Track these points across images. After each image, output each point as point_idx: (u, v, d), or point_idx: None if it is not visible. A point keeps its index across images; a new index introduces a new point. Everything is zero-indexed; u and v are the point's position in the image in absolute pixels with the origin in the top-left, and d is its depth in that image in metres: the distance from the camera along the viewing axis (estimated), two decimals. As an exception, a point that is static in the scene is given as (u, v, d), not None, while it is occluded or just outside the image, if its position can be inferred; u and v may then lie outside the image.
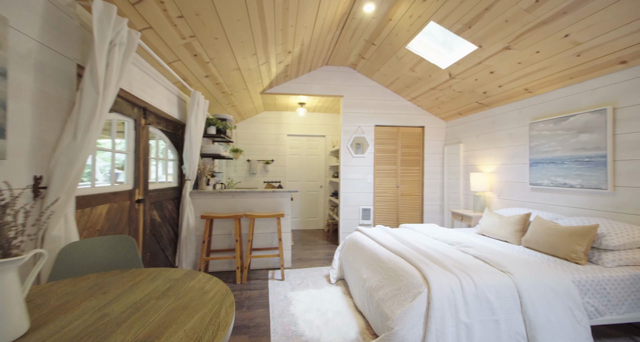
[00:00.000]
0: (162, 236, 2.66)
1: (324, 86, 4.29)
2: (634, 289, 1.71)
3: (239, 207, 3.27)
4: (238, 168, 5.35)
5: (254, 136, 5.39)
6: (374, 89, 4.41)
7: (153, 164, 2.62)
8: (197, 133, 2.94)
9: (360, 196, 4.34)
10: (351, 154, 4.34)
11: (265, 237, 3.33)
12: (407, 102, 4.49)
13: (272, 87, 4.13)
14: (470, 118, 3.97)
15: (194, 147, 2.91)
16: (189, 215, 3.02)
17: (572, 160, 2.52)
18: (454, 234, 2.67)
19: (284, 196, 3.36)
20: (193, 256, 3.02)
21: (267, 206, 3.33)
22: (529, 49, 2.42)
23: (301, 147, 5.63)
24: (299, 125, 5.54)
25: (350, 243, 2.78)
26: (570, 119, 2.55)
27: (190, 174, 3.01)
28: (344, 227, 4.31)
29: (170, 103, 2.64)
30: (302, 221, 5.62)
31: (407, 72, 3.68)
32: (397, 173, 4.45)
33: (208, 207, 3.21)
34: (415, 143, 4.52)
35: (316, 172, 5.65)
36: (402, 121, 4.47)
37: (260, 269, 3.28)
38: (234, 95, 3.74)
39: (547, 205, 2.78)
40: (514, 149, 3.23)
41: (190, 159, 2.93)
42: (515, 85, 2.96)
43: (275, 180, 5.44)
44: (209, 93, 3.30)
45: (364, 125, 4.39)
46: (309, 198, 5.63)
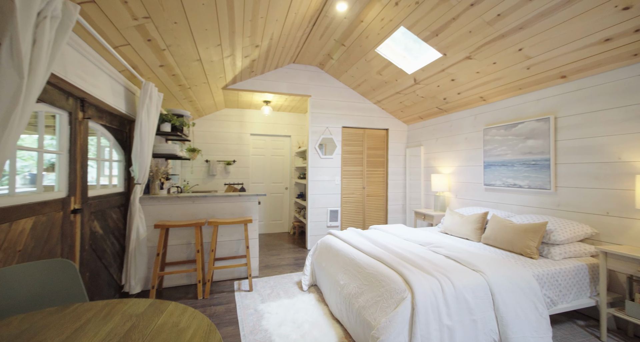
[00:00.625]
0: (105, 251, 2.26)
1: (292, 85, 4.15)
2: (577, 278, 1.93)
3: (200, 213, 2.96)
4: (195, 169, 4.90)
5: (213, 135, 4.99)
6: (341, 90, 4.41)
7: (93, 166, 2.21)
8: (149, 130, 2.57)
9: (328, 198, 4.30)
10: (319, 155, 4.28)
11: (230, 245, 3.07)
12: (373, 105, 4.58)
13: (235, 82, 3.85)
14: (430, 122, 4.21)
15: (145, 146, 2.54)
16: (139, 224, 2.63)
17: (521, 163, 2.79)
18: (421, 233, 2.76)
19: (251, 200, 3.14)
20: (144, 271, 2.64)
21: (233, 211, 3.08)
22: (487, 60, 2.61)
23: (265, 147, 5.39)
24: (264, 124, 5.29)
25: (323, 248, 2.70)
26: (518, 126, 2.83)
27: (140, 177, 2.62)
28: (312, 229, 4.22)
29: (116, 94, 2.25)
30: (267, 225, 5.39)
31: (374, 75, 3.74)
32: (364, 174, 4.52)
33: (163, 215, 2.84)
34: (380, 145, 4.64)
35: (281, 174, 5.47)
36: (367, 123, 4.55)
37: (224, 280, 3.02)
38: (192, 90, 3.39)
39: (499, 204, 3.05)
40: (470, 152, 3.50)
41: (141, 160, 2.55)
42: (472, 93, 3.20)
43: (237, 182, 5.12)
44: (163, 85, 2.92)
45: (331, 126, 4.36)
46: (274, 200, 5.42)
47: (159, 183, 2.98)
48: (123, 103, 2.40)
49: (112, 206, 2.38)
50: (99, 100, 2.00)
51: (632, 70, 2.02)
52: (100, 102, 2.04)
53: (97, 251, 2.13)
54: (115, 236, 2.44)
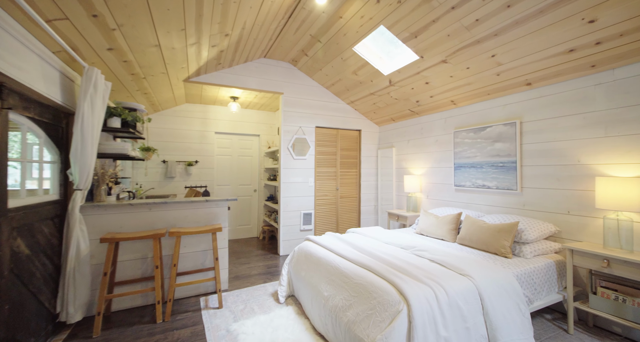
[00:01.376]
0: (34, 275, 1.82)
1: (263, 81, 3.89)
2: (548, 275, 2.04)
3: (158, 222, 2.58)
4: (150, 171, 4.36)
5: (172, 132, 4.49)
6: (314, 89, 4.27)
7: (15, 167, 1.75)
8: (93, 126, 2.15)
9: (302, 200, 4.12)
10: (292, 156, 4.08)
11: (195, 258, 2.73)
12: (346, 106, 4.52)
13: (199, 75, 3.48)
14: (402, 124, 4.28)
15: (87, 144, 2.11)
16: (80, 239, 2.19)
17: (489, 165, 2.93)
18: (400, 236, 2.74)
19: (220, 205, 2.84)
20: (86, 295, 2.20)
21: (198, 218, 2.74)
22: (461, 64, 2.68)
23: (232, 146, 5.02)
24: (230, 122, 4.92)
25: (302, 255, 2.52)
26: (487, 130, 2.97)
27: (81, 181, 2.18)
28: (285, 234, 4.01)
29: (48, 81, 1.82)
30: (234, 230, 5.02)
31: (349, 74, 3.67)
32: (337, 175, 4.43)
33: (111, 226, 2.41)
34: (352, 146, 4.60)
35: (250, 175, 5.15)
36: (341, 124, 4.47)
37: (188, 297, 2.67)
38: (147, 80, 2.96)
39: (469, 204, 3.17)
40: (440, 154, 3.60)
41: (82, 161, 2.12)
42: (444, 96, 3.29)
43: (200, 184, 4.68)
44: (112, 73, 2.48)
45: (305, 125, 4.19)
46: (242, 204, 5.08)
47: (106, 188, 2.53)
48: (58, 91, 1.96)
49: (43, 218, 1.93)
50: (24, 87, 1.58)
51: (590, 80, 2.20)
52: (26, 89, 1.62)
53: (22, 276, 1.69)
54: (47, 254, 1.99)
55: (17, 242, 1.64)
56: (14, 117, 1.66)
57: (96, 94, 2.12)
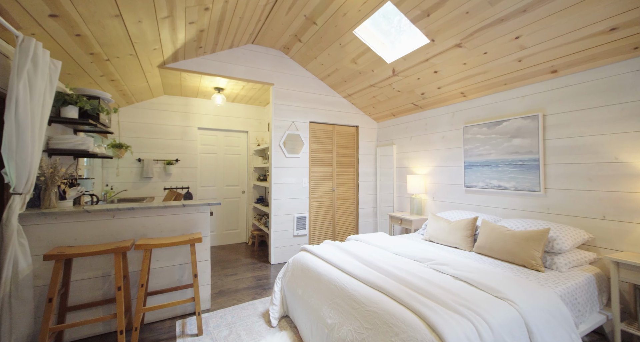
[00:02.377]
0: (-57, 308, 1.36)
1: (251, 69, 3.48)
2: (589, 292, 1.75)
3: (124, 232, 2.14)
4: (123, 171, 3.87)
5: (148, 127, 4.01)
6: (308, 80, 3.89)
7: None
8: (33, 113, 1.70)
9: (295, 203, 3.74)
10: (284, 154, 3.69)
11: (170, 273, 2.30)
12: (342, 99, 4.16)
13: (177, 60, 3.03)
14: (403, 120, 3.96)
15: (26, 136, 1.66)
16: (19, 255, 1.74)
17: (506, 163, 2.63)
18: (409, 244, 2.41)
19: (200, 211, 2.42)
20: (28, 326, 1.75)
21: (174, 226, 2.32)
22: (478, 49, 2.36)
23: (217, 144, 4.58)
24: (215, 117, 4.47)
25: (298, 269, 2.15)
26: (503, 124, 2.67)
27: (20, 183, 1.73)
28: (276, 240, 3.61)
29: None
30: (220, 235, 4.58)
31: (348, 63, 3.31)
32: (333, 175, 4.07)
33: (63, 238, 1.96)
34: (349, 143, 4.25)
35: (237, 175, 4.71)
36: (337, 119, 4.11)
37: (162, 320, 2.25)
38: (112, 63, 2.50)
39: (482, 206, 2.87)
40: (447, 152, 3.30)
41: (20, 158, 1.67)
42: (453, 88, 2.98)
43: (181, 185, 4.22)
44: (62, 50, 2.02)
45: (298, 120, 3.80)
46: (228, 206, 4.64)
47: (57, 191, 2.07)
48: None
49: (-41, 232, 1.47)
50: None
51: (629, 65, 1.92)
52: None
53: None
54: (-33, 278, 1.53)
55: None
56: None
57: (36, 73, 1.67)
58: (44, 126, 1.87)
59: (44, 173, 1.97)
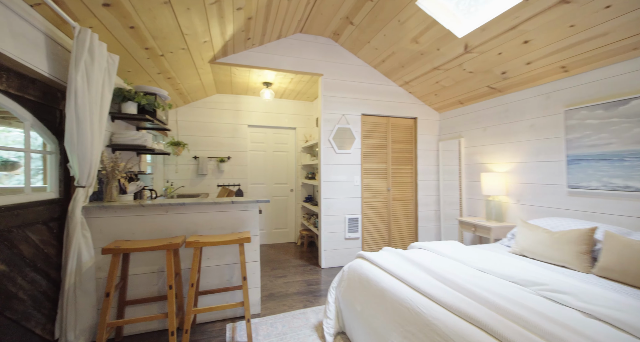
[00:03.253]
0: (13, 296, 1.40)
1: (299, 60, 3.29)
2: None
3: (176, 228, 2.10)
4: (181, 168, 4.03)
5: (203, 126, 4.12)
6: (359, 69, 3.55)
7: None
8: (91, 105, 1.70)
9: (346, 202, 3.44)
10: (334, 150, 3.42)
11: (220, 273, 2.20)
12: (398, 88, 3.73)
13: (227, 54, 2.98)
14: (473, 108, 3.35)
15: (86, 129, 1.67)
16: (82, 247, 1.77)
17: (636, 156, 1.94)
18: (494, 258, 1.91)
19: (249, 208, 2.28)
20: (92, 317, 1.78)
21: (223, 223, 2.21)
22: (594, 4, 1.76)
23: (266, 141, 4.53)
24: (264, 114, 4.43)
25: (355, 280, 1.84)
26: (632, 103, 1.98)
27: (83, 176, 1.76)
28: (327, 242, 3.36)
29: (22, 41, 1.38)
30: (269, 234, 4.52)
31: (407, 44, 2.88)
32: (388, 173, 3.66)
33: (121, 231, 1.98)
34: (406, 137, 3.79)
35: (285, 173, 4.61)
36: (392, 111, 3.69)
37: (212, 322, 2.15)
38: (167, 58, 2.52)
39: (594, 213, 2.20)
40: (539, 144, 2.64)
41: (81, 151, 1.69)
42: (549, 61, 2.35)
43: (233, 183, 4.25)
44: (118, 44, 2.05)
45: (348, 113, 3.50)
46: (277, 205, 4.56)
47: (118, 185, 2.11)
48: (44, 60, 1.53)
49: (29, 222, 1.51)
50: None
51: None
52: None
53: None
54: (38, 268, 1.57)
55: (-21, 257, 1.21)
56: (-25, 89, 1.23)
57: (93, 64, 1.67)
58: (104, 120, 1.89)
59: (105, 167, 2.01)
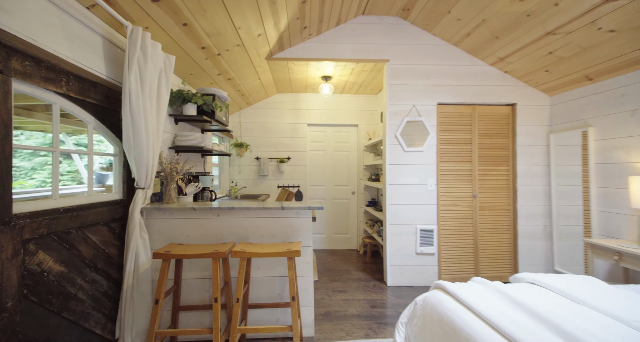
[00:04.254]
0: (72, 297, 1.42)
1: (360, 47, 2.89)
2: None
3: (227, 232, 1.97)
4: (244, 168, 4.10)
5: (264, 127, 4.11)
6: (434, 49, 2.94)
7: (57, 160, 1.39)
8: (145, 106, 1.67)
9: (418, 210, 2.88)
10: (402, 148, 2.90)
11: (270, 285, 1.99)
12: (488, 68, 2.95)
13: (283, 48, 2.81)
14: (613, 83, 2.36)
15: (141, 130, 1.65)
16: (140, 249, 1.77)
17: None
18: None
19: (301, 215, 2.00)
20: (146, 322, 1.76)
21: (274, 230, 1.99)
22: None
23: (326, 140, 4.27)
24: (323, 111, 4.17)
25: (433, 321, 1.35)
26: None
27: (141, 177, 1.76)
28: (393, 256, 2.87)
29: (79, 44, 1.38)
30: (329, 239, 4.24)
31: (505, 4, 2.17)
32: (474, 175, 2.93)
33: (177, 233, 1.95)
34: (500, 130, 2.97)
35: (346, 174, 4.26)
36: (479, 97, 2.95)
37: (263, 339, 1.95)
38: (224, 57, 2.46)
39: None
40: None
41: (137, 152, 1.68)
42: None
43: (292, 184, 4.13)
44: (174, 44, 2.02)
45: (420, 103, 2.93)
46: (338, 208, 4.24)
47: (176, 187, 2.11)
48: (101, 63, 1.54)
49: (90, 223, 1.55)
50: (36, 48, 1.13)
51: None
52: (41, 52, 1.18)
53: (52, 301, 1.29)
54: (98, 268, 1.61)
55: (36, 258, 1.23)
56: (33, 91, 1.25)
57: (146, 64, 1.63)
58: (162, 121, 1.88)
59: (163, 168, 2.02)
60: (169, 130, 2.28)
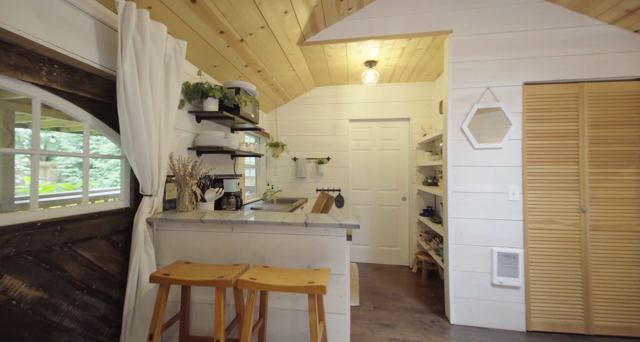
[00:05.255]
0: (57, 326, 1.20)
1: (412, 19, 2.30)
2: None
3: (243, 250, 1.62)
4: (280, 170, 3.80)
5: (301, 124, 3.75)
6: (518, 8, 2.17)
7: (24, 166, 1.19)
8: (146, 98, 1.40)
9: (494, 227, 2.15)
10: (471, 144, 2.21)
11: (292, 319, 1.57)
12: (606, 27, 2.07)
13: (317, 30, 2.38)
14: None
15: (140, 127, 1.39)
16: (144, 266, 1.52)
17: None
18: None
19: (332, 233, 1.53)
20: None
21: (297, 250, 1.56)
22: None
23: (371, 137, 3.71)
24: (368, 104, 3.63)
25: None
26: None
27: (145, 183, 1.51)
28: (459, 285, 2.19)
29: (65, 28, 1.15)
30: (374, 252, 3.68)
31: None
32: (582, 181, 2.08)
33: (189, 248, 1.66)
34: (625, 116, 2.06)
35: (395, 177, 3.64)
36: (590, 70, 2.08)
37: (280, 389, 1.54)
38: (248, 44, 2.14)
39: None
40: None
41: (139, 153, 1.43)
42: None
43: (333, 187, 3.68)
44: (185, 27, 1.74)
45: (497, 84, 2.20)
46: (385, 216, 3.65)
47: (191, 193, 1.84)
48: (94, 49, 1.30)
49: (83, 237, 1.33)
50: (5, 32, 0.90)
51: None
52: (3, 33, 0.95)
53: (19, 336, 1.07)
54: (92, 290, 1.38)
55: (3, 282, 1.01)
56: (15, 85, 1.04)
57: (144, 48, 1.36)
58: (171, 117, 1.61)
59: (178, 171, 1.76)
60: (189, 128, 2.04)
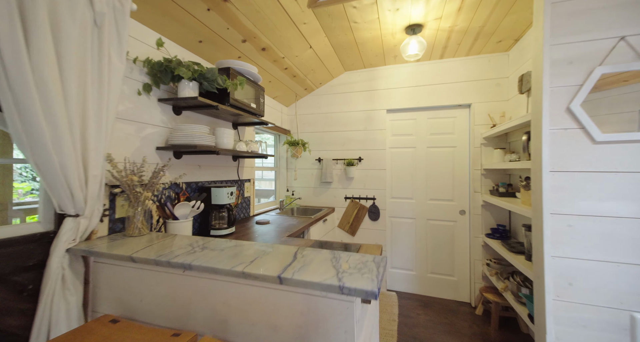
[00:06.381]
0: None
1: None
2: None
3: (198, 303, 1.04)
4: (301, 173, 3.21)
5: (326, 118, 3.11)
6: None
7: None
8: (42, 70, 0.91)
9: (635, 278, 1.21)
10: (588, 135, 1.29)
11: None
12: None
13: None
14: None
15: (35, 113, 0.90)
16: (61, 321, 1.05)
17: None
18: None
19: (329, 296, 0.85)
20: None
21: (276, 316, 0.92)
22: None
23: (416, 132, 2.88)
24: (411, 89, 2.81)
25: None
26: None
27: (60, 198, 1.04)
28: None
29: None
30: (421, 280, 2.84)
31: None
32: None
33: (132, 292, 1.15)
34: None
35: (449, 183, 2.75)
36: None
37: None
38: (235, 5, 1.57)
39: None
40: None
41: (39, 154, 0.95)
42: None
43: (365, 195, 2.96)
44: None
45: (636, 33, 1.24)
46: (436, 233, 2.79)
47: (146, 210, 1.33)
48: None
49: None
50: None
51: None
52: None
53: None
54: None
55: None
56: None
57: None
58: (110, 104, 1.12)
59: (121, 182, 1.26)
60: (159, 122, 1.56)
